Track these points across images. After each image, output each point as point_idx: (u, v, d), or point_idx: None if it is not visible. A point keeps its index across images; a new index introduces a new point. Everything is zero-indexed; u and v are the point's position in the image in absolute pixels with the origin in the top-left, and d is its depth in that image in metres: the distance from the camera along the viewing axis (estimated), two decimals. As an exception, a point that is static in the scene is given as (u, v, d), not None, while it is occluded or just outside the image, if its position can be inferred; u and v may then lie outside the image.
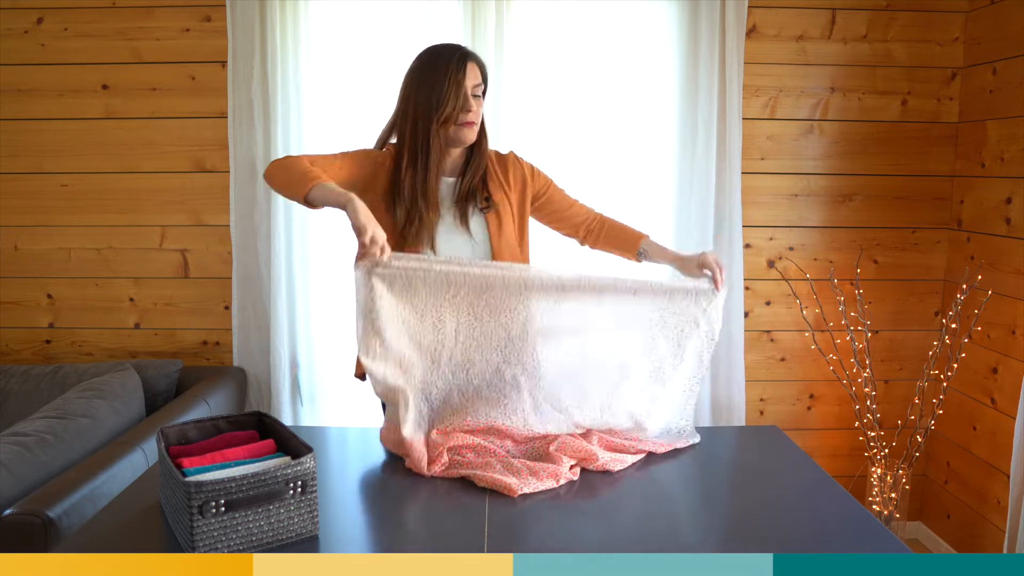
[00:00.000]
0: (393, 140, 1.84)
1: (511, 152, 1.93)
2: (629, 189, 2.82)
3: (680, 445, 1.77)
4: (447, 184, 1.82)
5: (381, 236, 1.52)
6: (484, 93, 1.79)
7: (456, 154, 1.82)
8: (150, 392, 2.59)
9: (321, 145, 2.75)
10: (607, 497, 1.55)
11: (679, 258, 1.85)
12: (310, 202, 1.59)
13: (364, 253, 1.53)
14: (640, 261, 1.95)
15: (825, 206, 2.92)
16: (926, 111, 2.88)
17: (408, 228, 1.74)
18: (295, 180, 1.61)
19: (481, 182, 1.83)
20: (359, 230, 1.51)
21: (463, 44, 1.80)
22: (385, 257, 1.54)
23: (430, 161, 1.74)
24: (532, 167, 1.93)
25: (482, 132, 1.82)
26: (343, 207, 1.53)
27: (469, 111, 1.72)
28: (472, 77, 1.72)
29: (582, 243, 2.03)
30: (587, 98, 2.78)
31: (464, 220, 1.78)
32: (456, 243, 1.78)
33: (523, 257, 1.90)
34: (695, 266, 1.80)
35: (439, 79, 1.69)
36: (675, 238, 2.82)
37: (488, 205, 1.81)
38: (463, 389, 1.69)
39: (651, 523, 1.46)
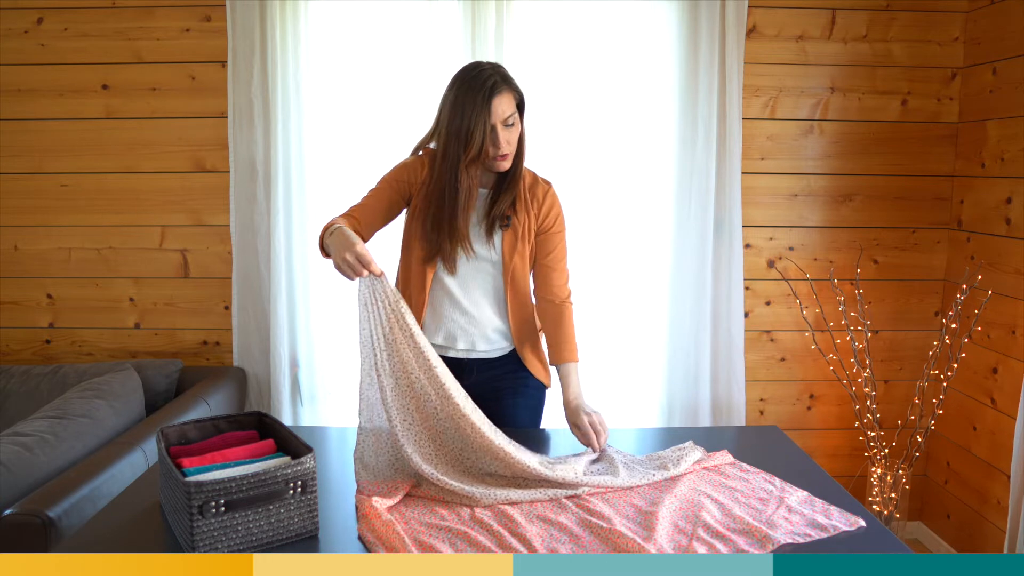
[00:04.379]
0: (432, 145, 1.84)
1: (548, 184, 1.91)
2: (629, 189, 2.82)
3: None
4: (481, 194, 1.83)
5: (359, 259, 1.54)
6: (523, 114, 1.78)
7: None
8: (150, 392, 2.59)
9: (320, 146, 2.76)
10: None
11: (567, 403, 1.81)
12: (327, 252, 1.65)
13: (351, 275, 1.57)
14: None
15: (825, 206, 2.92)
16: (926, 111, 2.88)
17: (438, 253, 1.79)
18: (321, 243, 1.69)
19: (511, 206, 1.84)
20: (340, 268, 1.56)
21: (498, 64, 1.75)
22: (375, 275, 1.57)
23: (457, 205, 1.74)
24: (553, 207, 1.89)
25: (518, 157, 1.80)
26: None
27: (498, 147, 1.71)
28: (501, 111, 1.69)
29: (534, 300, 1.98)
30: (587, 98, 2.78)
31: (490, 235, 1.82)
32: (477, 256, 1.82)
33: (528, 278, 1.92)
34: (571, 423, 1.78)
35: (466, 118, 1.67)
36: (675, 238, 2.82)
37: (507, 223, 1.83)
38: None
39: (651, 523, 1.46)
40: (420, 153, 1.86)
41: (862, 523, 1.45)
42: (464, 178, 1.72)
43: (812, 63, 2.83)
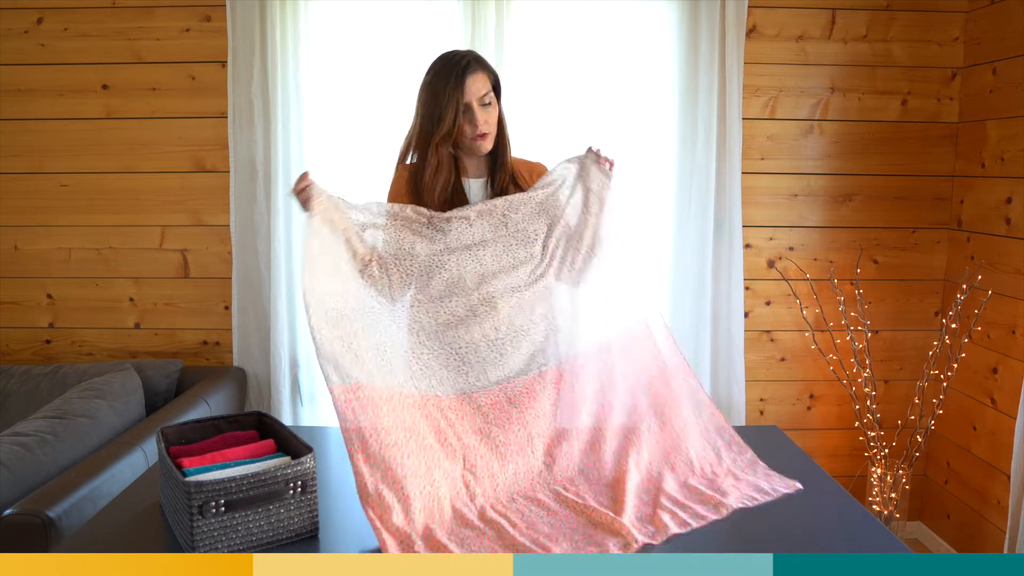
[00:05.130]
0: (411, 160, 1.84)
1: (541, 164, 1.93)
2: (629, 189, 2.82)
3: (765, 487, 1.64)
4: (477, 184, 1.84)
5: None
6: (499, 96, 1.79)
7: (478, 158, 1.83)
8: (150, 392, 2.59)
9: (320, 146, 2.76)
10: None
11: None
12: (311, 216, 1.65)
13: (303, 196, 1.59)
14: None
15: (825, 206, 2.92)
16: (926, 111, 2.88)
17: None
18: None
19: (513, 183, 1.85)
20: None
21: (471, 50, 1.79)
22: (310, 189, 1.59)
23: (424, 181, 1.75)
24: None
25: (501, 137, 1.80)
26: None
27: (475, 125, 1.72)
28: (475, 90, 1.70)
29: None
30: (587, 98, 2.77)
31: None
32: None
33: None
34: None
35: (440, 98, 1.69)
36: (675, 238, 2.82)
37: None
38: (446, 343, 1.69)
39: (651, 523, 1.46)
40: (400, 168, 1.86)
41: (799, 486, 1.59)
42: (433, 156, 1.73)
43: (812, 63, 2.83)
